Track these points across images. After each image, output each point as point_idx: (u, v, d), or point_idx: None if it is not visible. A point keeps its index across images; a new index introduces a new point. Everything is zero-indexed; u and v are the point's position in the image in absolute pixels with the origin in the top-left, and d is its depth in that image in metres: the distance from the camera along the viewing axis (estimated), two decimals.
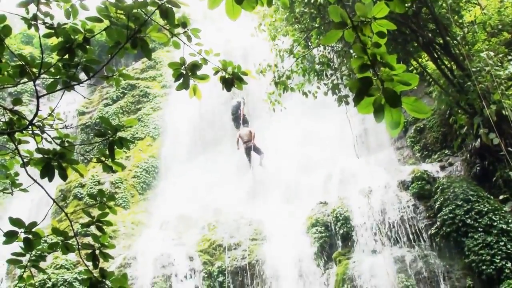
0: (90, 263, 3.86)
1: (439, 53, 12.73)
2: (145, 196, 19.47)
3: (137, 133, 21.99)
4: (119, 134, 3.71)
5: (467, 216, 11.11)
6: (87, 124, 23.53)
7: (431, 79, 13.42)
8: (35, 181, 3.66)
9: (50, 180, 3.60)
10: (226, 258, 13.17)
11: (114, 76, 4.07)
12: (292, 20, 13.48)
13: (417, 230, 11.93)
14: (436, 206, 11.91)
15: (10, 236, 3.62)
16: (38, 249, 3.83)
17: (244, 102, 20.90)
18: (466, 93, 11.92)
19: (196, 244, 14.08)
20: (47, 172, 3.58)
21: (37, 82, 3.57)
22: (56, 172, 3.62)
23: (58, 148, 3.72)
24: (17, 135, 3.89)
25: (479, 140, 11.87)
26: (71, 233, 3.95)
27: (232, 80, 3.81)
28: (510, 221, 10.82)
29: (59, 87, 3.67)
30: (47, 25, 3.73)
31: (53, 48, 3.57)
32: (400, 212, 12.36)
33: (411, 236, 11.89)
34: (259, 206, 15.74)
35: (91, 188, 18.63)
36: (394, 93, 2.42)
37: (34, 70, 3.57)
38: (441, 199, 11.84)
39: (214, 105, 21.90)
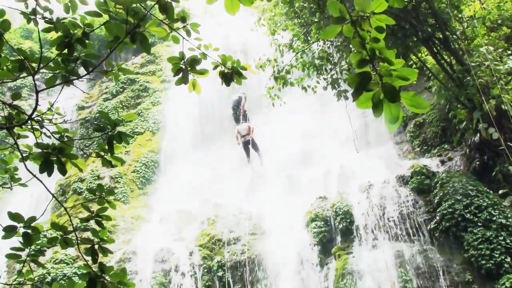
0: (89, 258, 3.86)
1: (438, 47, 12.72)
2: (144, 191, 19.48)
3: (136, 127, 21.98)
4: (119, 128, 3.71)
5: (466, 210, 11.12)
6: (86, 118, 23.48)
7: (430, 74, 13.42)
8: (34, 176, 3.66)
9: (49, 174, 3.60)
10: (225, 253, 13.19)
11: (114, 71, 4.08)
12: (291, 14, 13.46)
13: (417, 225, 11.94)
14: (436, 201, 11.92)
15: (9, 231, 3.62)
16: (37, 243, 3.83)
17: (245, 97, 20.89)
18: (466, 87, 11.92)
19: (195, 239, 14.09)
20: (46, 167, 3.58)
21: (37, 76, 3.56)
22: (56, 167, 3.62)
23: (57, 142, 3.72)
24: (16, 129, 3.88)
25: (478, 134, 11.87)
26: (70, 228, 3.95)
27: (231, 74, 3.81)
28: (509, 215, 10.83)
29: (58, 81, 3.66)
30: (46, 19, 3.72)
31: (52, 43, 3.57)
32: (399, 207, 12.37)
33: (410, 231, 11.90)
34: (258, 201, 15.74)
35: (90, 182, 18.62)
36: (393, 88, 2.42)
37: (34, 64, 3.56)
38: (441, 194, 11.86)
39: (213, 99, 21.88)
